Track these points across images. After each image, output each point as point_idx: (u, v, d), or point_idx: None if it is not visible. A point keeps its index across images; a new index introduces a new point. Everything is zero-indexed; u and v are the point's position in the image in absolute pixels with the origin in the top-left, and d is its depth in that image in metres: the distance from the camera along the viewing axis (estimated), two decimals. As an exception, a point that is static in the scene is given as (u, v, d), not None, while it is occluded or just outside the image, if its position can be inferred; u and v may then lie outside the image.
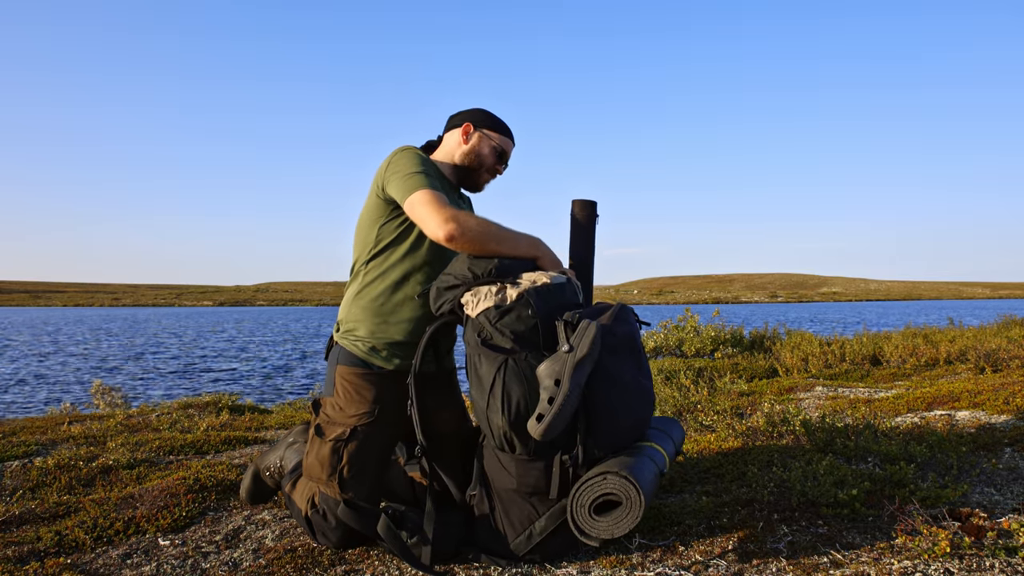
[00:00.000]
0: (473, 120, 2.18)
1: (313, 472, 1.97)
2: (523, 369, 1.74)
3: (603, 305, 1.91)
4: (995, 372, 5.21)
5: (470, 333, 1.83)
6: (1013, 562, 1.64)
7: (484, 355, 1.77)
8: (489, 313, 1.78)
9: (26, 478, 2.80)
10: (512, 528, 1.82)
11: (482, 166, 2.16)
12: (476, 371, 1.80)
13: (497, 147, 2.16)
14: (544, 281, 1.81)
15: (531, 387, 1.72)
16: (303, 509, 1.97)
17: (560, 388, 1.63)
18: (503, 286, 1.80)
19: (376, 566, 1.84)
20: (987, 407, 3.44)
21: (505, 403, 1.73)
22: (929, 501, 2.05)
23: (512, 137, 2.22)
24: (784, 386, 4.96)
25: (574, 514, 1.68)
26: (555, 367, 1.67)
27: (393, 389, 2.02)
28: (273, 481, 2.33)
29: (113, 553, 1.99)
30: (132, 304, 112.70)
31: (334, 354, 2.08)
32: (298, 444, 2.29)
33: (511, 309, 1.77)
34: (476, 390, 1.80)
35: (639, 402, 1.86)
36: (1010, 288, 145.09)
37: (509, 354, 1.76)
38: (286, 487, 2.11)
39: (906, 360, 6.26)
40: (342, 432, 1.95)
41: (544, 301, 1.78)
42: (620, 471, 1.64)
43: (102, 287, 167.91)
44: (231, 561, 1.92)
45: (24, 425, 4.20)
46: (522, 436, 1.73)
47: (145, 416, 4.54)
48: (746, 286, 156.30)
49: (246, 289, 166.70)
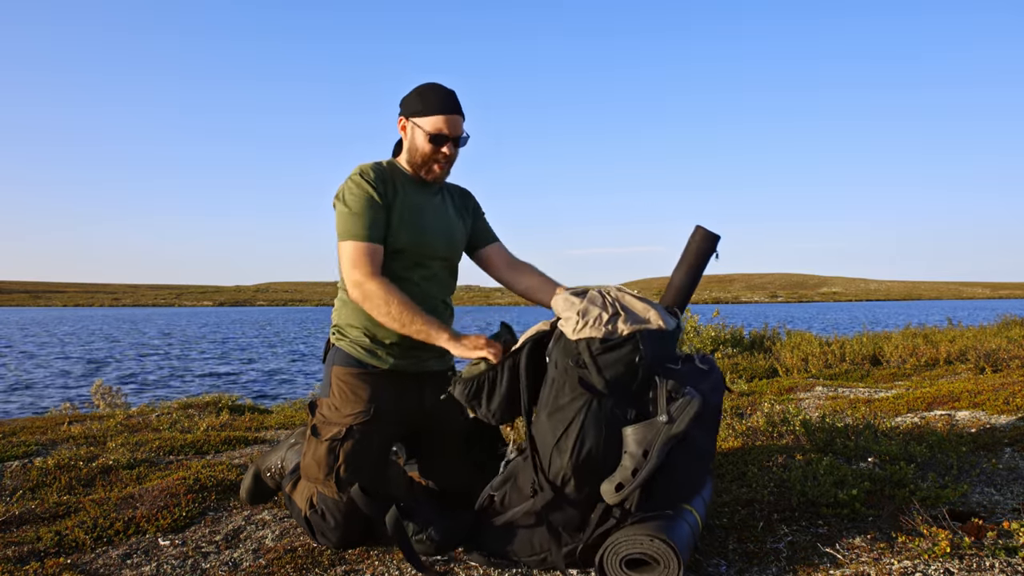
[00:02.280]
0: (403, 110, 2.07)
1: (310, 472, 1.97)
2: (606, 415, 1.62)
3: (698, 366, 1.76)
4: (995, 372, 5.21)
5: (561, 354, 1.67)
6: (1013, 562, 1.64)
7: (572, 386, 1.64)
8: (593, 343, 1.61)
9: (26, 478, 2.79)
10: (525, 547, 1.76)
11: (425, 159, 2.04)
12: (555, 397, 1.66)
13: (431, 135, 2.00)
14: (659, 325, 1.65)
15: (608, 435, 1.62)
16: (302, 509, 1.97)
17: (647, 461, 1.55)
18: (616, 313, 1.64)
19: (376, 566, 1.84)
20: (987, 407, 3.44)
21: (576, 447, 1.61)
22: (929, 501, 2.05)
23: (450, 109, 2.01)
24: (784, 386, 4.96)
25: (605, 562, 1.63)
26: (647, 436, 1.58)
27: (389, 388, 2.02)
28: (274, 482, 2.32)
29: (113, 553, 1.99)
30: (132, 304, 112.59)
31: (330, 355, 2.08)
32: (299, 445, 2.28)
33: (618, 346, 1.61)
34: (546, 414, 1.68)
35: (702, 468, 1.79)
36: (1010, 288, 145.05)
37: (598, 396, 1.63)
38: (287, 488, 2.11)
39: (906, 360, 6.26)
40: (338, 432, 1.94)
41: (652, 348, 1.63)
42: (668, 539, 1.56)
43: (102, 287, 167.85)
44: (231, 561, 1.91)
45: (24, 425, 4.20)
46: (579, 481, 1.64)
47: (145, 416, 4.54)
48: (746, 286, 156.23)
49: (246, 289, 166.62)
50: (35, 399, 9.92)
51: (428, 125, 2.00)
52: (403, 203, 2.03)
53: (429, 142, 2.01)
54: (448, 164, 2.07)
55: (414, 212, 2.04)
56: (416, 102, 2.03)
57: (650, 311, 1.66)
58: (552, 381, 1.68)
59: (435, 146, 2.02)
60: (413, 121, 2.03)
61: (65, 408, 5.63)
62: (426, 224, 2.06)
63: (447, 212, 2.15)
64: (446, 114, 2.00)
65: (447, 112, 2.00)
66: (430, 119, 2.00)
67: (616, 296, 1.69)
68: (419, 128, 2.01)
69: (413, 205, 2.05)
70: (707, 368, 1.75)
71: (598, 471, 1.63)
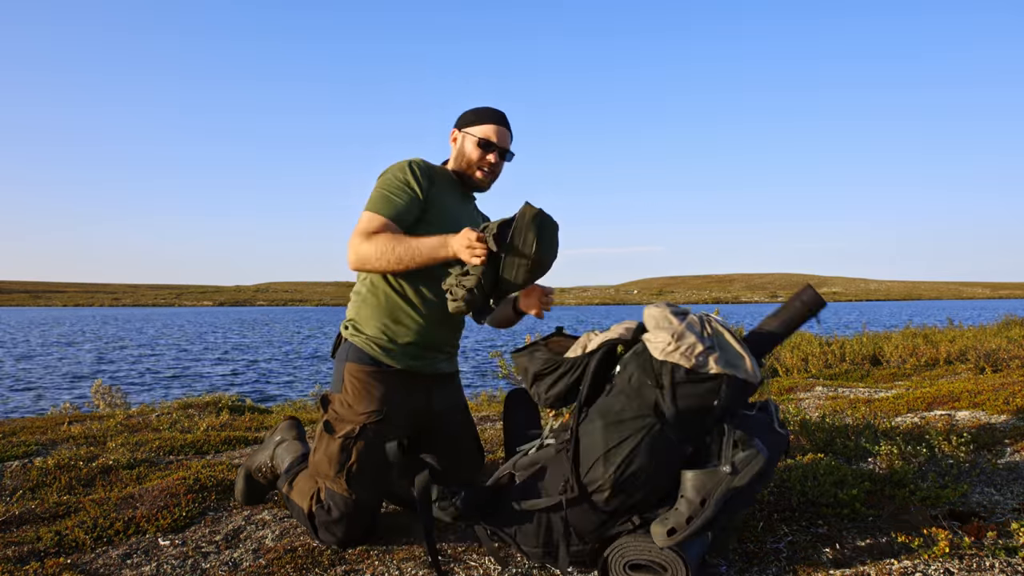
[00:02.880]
0: (457, 124, 2.20)
1: (321, 468, 1.98)
2: (664, 444, 1.59)
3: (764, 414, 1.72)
4: (995, 372, 5.22)
5: (638, 369, 1.62)
6: (1013, 562, 1.64)
7: (640, 404, 1.60)
8: (677, 370, 1.56)
9: (26, 478, 2.79)
10: (532, 538, 1.74)
11: (471, 164, 2.15)
12: (620, 409, 1.63)
13: (480, 140, 2.13)
14: (748, 375, 1.59)
15: (657, 463, 1.59)
16: (305, 506, 1.97)
17: (703, 510, 1.52)
18: (711, 348, 1.57)
19: (376, 566, 1.84)
20: (987, 407, 3.44)
21: (624, 464, 1.59)
22: (929, 501, 2.05)
23: (500, 121, 2.16)
24: (784, 386, 4.97)
25: (610, 563, 1.63)
26: (707, 484, 1.54)
27: (400, 388, 2.03)
28: (266, 480, 2.33)
29: (113, 553, 1.99)
30: (132, 304, 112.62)
31: (343, 350, 2.09)
32: (286, 442, 2.30)
33: (701, 381, 1.56)
34: (603, 422, 1.64)
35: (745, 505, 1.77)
36: (1010, 288, 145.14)
37: (662, 423, 1.59)
38: (283, 487, 2.11)
39: (906, 360, 6.26)
40: (351, 430, 1.96)
41: (733, 395, 1.58)
42: (680, 551, 1.56)
43: (102, 287, 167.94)
44: (231, 561, 1.91)
45: (24, 425, 4.20)
46: (612, 495, 1.61)
47: (145, 416, 4.54)
48: (746, 286, 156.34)
49: (246, 289, 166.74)
50: (35, 399, 9.92)
51: (479, 132, 2.13)
52: (440, 202, 2.09)
53: (478, 146, 2.12)
54: (492, 174, 2.18)
55: (449, 212, 2.11)
56: (470, 116, 2.16)
57: (744, 358, 1.60)
58: (619, 392, 1.65)
59: (482, 151, 2.13)
60: (465, 131, 2.15)
61: (65, 408, 5.63)
62: (460, 226, 2.09)
63: (476, 222, 2.23)
64: (496, 124, 2.14)
65: (497, 123, 2.14)
66: (481, 127, 2.13)
67: (716, 329, 1.63)
68: (470, 136, 2.14)
69: (449, 206, 2.12)
70: (779, 428, 1.70)
71: (634, 493, 1.62)
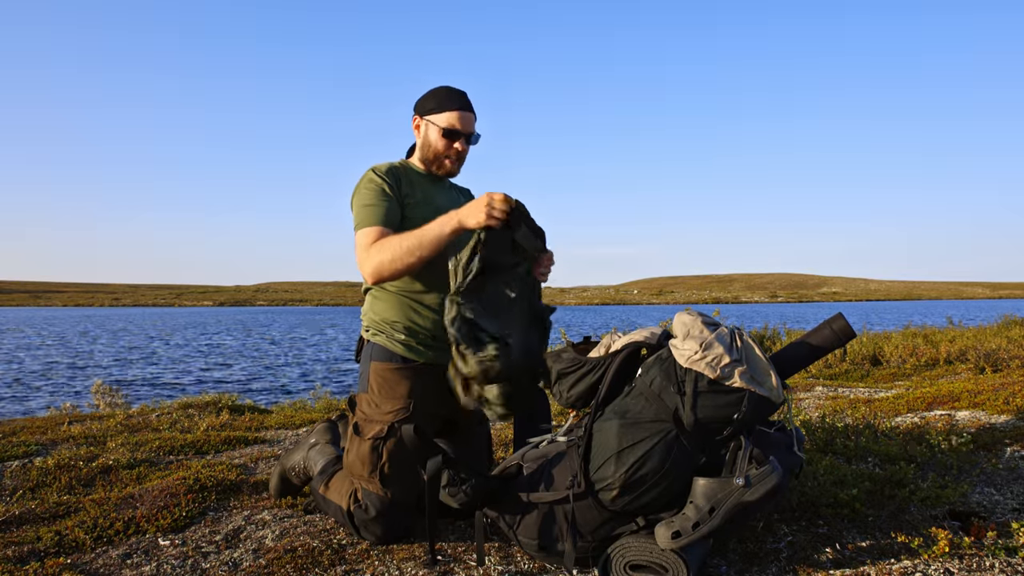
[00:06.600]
0: (417, 109, 2.13)
1: (354, 470, 1.99)
2: (678, 450, 1.59)
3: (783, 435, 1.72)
4: (995, 372, 5.22)
5: (661, 374, 1.62)
6: (1013, 562, 1.64)
7: (659, 409, 1.61)
8: (701, 379, 1.57)
9: (26, 478, 2.79)
10: (532, 532, 1.74)
11: (437, 155, 2.10)
12: (639, 411, 1.63)
13: (444, 129, 2.06)
14: (771, 393, 1.59)
15: (669, 468, 1.60)
16: (343, 505, 1.99)
17: (711, 519, 1.52)
18: (738, 361, 1.58)
19: (376, 566, 1.84)
20: (987, 407, 3.44)
21: (636, 465, 1.59)
22: (929, 501, 2.05)
23: (463, 106, 2.08)
24: (784, 386, 4.96)
25: (611, 562, 1.63)
26: (718, 494, 1.54)
27: (425, 383, 2.04)
28: (299, 480, 2.35)
29: (113, 553, 1.99)
30: (132, 304, 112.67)
31: (367, 351, 2.10)
32: (320, 445, 2.31)
33: (725, 392, 1.56)
34: (619, 422, 1.64)
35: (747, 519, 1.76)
36: (1010, 288, 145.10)
37: (679, 429, 1.59)
38: (319, 488, 2.13)
39: (906, 360, 6.26)
40: (380, 430, 1.97)
41: (753, 411, 1.58)
42: (682, 554, 1.56)
43: (102, 287, 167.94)
44: (231, 561, 1.92)
45: (24, 425, 4.20)
46: (620, 494, 1.62)
47: (145, 416, 4.53)
48: (746, 286, 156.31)
49: (246, 289, 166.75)
50: (36, 399, 9.92)
51: (442, 121, 2.07)
52: (416, 197, 2.08)
53: (443, 137, 2.07)
54: (459, 160, 2.13)
55: (428, 205, 2.09)
56: (430, 101, 2.09)
57: (770, 376, 1.60)
58: (639, 394, 1.65)
59: (448, 141, 2.08)
60: (427, 119, 2.09)
61: (65, 408, 5.63)
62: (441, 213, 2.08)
63: (457, 203, 2.17)
64: (459, 111, 2.06)
65: (460, 109, 2.07)
66: (443, 115, 2.06)
67: (746, 343, 1.63)
68: (433, 125, 2.08)
69: (427, 198, 2.10)
70: (797, 450, 1.71)
71: (641, 495, 1.62)
